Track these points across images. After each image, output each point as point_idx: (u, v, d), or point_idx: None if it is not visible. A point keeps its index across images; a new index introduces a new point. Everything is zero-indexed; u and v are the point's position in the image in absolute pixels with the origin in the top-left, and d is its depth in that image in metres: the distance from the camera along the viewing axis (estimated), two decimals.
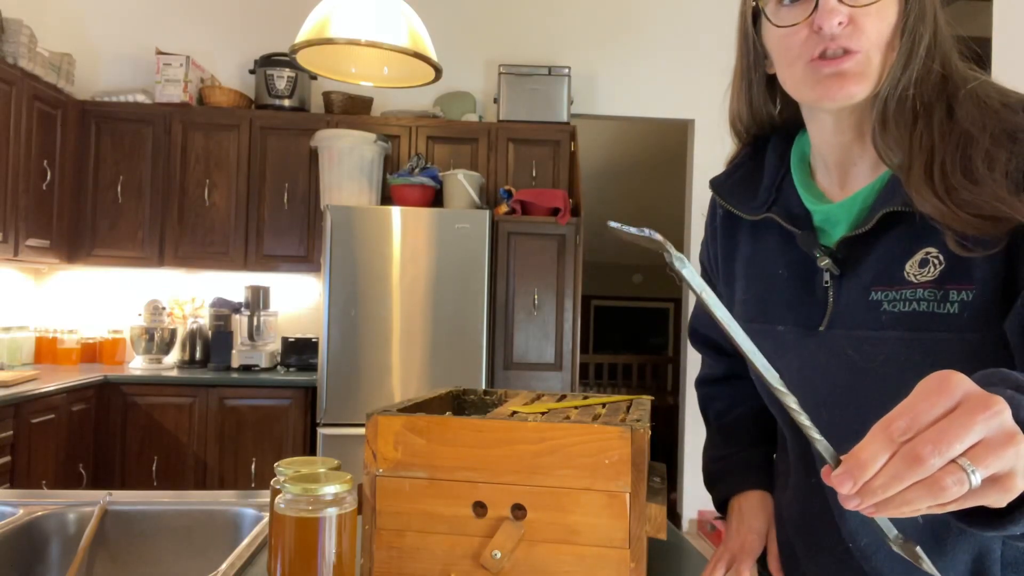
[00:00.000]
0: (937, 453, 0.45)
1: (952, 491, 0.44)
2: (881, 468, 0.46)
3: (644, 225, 0.56)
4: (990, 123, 0.72)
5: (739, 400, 1.07)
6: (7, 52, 3.25)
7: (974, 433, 0.45)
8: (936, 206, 0.70)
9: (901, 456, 0.46)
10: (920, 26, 0.75)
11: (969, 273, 0.70)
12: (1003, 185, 0.68)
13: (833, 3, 0.73)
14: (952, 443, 0.45)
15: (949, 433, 0.45)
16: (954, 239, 0.70)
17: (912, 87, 0.74)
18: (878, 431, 0.47)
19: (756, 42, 0.83)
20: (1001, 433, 0.46)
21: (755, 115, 0.90)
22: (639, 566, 0.78)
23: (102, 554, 1.17)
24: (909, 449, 0.45)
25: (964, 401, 0.47)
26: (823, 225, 0.83)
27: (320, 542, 0.76)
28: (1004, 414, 0.46)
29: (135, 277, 4.07)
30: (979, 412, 0.46)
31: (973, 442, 0.45)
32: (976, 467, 0.45)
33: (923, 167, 0.72)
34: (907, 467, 0.45)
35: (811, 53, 0.75)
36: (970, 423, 0.45)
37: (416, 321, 3.46)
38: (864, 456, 0.47)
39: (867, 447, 0.47)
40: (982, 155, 0.70)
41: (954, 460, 0.45)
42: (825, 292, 0.81)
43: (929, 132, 0.74)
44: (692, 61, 4.29)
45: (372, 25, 1.67)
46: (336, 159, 3.63)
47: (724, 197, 0.93)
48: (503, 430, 0.80)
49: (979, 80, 0.76)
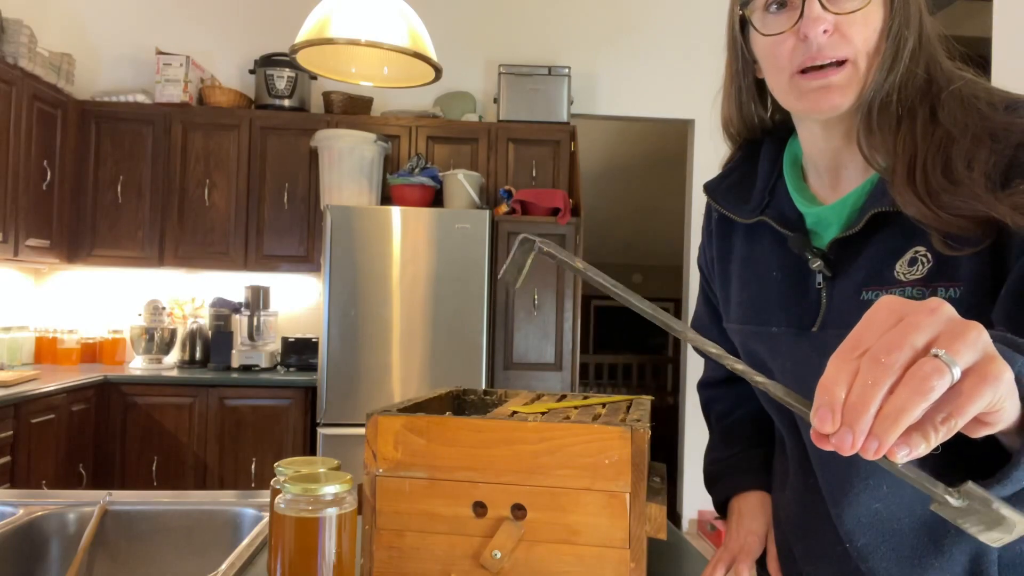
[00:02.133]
0: (896, 348, 0.43)
1: (935, 380, 0.42)
2: (851, 385, 0.44)
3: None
4: (972, 123, 0.72)
5: (740, 402, 1.07)
6: (7, 52, 3.25)
7: (926, 326, 0.44)
8: (919, 208, 0.70)
9: (863, 366, 0.44)
10: (905, 31, 0.75)
11: (957, 271, 0.70)
12: (982, 184, 0.68)
13: (818, 11, 0.73)
14: (908, 336, 0.43)
15: (903, 331, 0.43)
16: (940, 239, 0.70)
17: (896, 91, 0.75)
18: (835, 358, 0.45)
19: (744, 49, 0.84)
20: (956, 323, 0.44)
21: (746, 119, 0.91)
22: (639, 566, 0.78)
23: (102, 554, 1.17)
24: (868, 357, 0.44)
25: (907, 312, 0.45)
26: (815, 227, 0.84)
27: (320, 542, 0.76)
28: (948, 308, 0.45)
29: (135, 277, 4.07)
30: (924, 312, 0.44)
31: (930, 336, 0.44)
32: (948, 354, 0.43)
33: (906, 170, 0.72)
34: (872, 369, 0.43)
35: (797, 65, 0.75)
36: (918, 320, 0.44)
37: (416, 321, 3.46)
38: (827, 381, 0.45)
39: (829, 372, 0.45)
40: (962, 156, 0.70)
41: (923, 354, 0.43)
42: (818, 293, 0.81)
43: (912, 135, 0.74)
44: (692, 61, 4.30)
45: (372, 25, 1.67)
46: (336, 159, 3.63)
47: (718, 201, 0.93)
48: (503, 430, 0.80)
49: (965, 80, 0.76)
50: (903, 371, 0.43)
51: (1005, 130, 0.70)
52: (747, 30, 0.82)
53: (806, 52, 0.75)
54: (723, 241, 0.96)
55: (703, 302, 1.06)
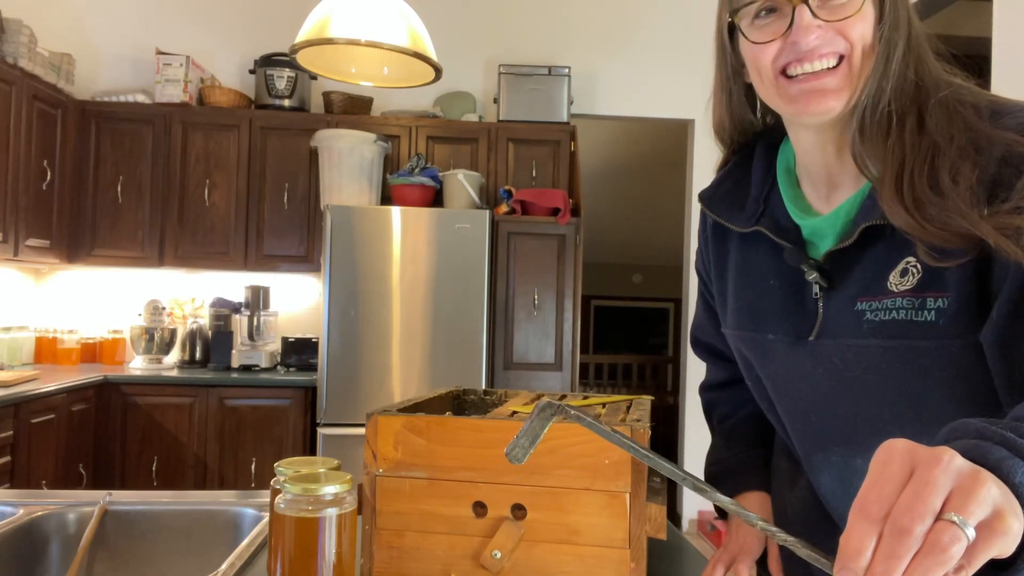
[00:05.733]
0: (918, 517, 0.45)
1: (953, 548, 0.44)
2: (874, 552, 0.46)
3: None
4: (957, 133, 0.71)
5: (741, 404, 1.07)
6: (7, 52, 3.25)
7: (941, 486, 0.46)
8: (905, 219, 0.70)
9: (887, 534, 0.46)
10: (895, 34, 0.75)
11: (945, 281, 0.71)
12: (967, 199, 0.68)
13: (808, 18, 0.73)
14: (926, 502, 0.45)
15: (919, 494, 0.46)
16: (924, 250, 0.70)
17: (888, 96, 0.74)
18: (857, 516, 0.47)
19: (732, 54, 0.84)
20: (965, 477, 0.46)
21: (737, 123, 0.90)
22: (639, 566, 0.78)
23: (102, 554, 1.17)
24: (891, 524, 0.46)
25: (917, 463, 0.47)
26: (811, 238, 0.84)
27: (320, 542, 0.76)
28: (956, 459, 0.47)
29: (135, 277, 4.07)
30: (934, 467, 0.46)
31: (945, 495, 0.46)
32: (961, 516, 0.45)
33: (894, 179, 0.72)
34: (896, 541, 0.45)
35: (781, 65, 0.75)
36: (931, 478, 0.46)
37: (416, 321, 3.46)
38: (852, 545, 0.47)
39: (852, 535, 0.47)
40: (948, 167, 0.70)
41: (939, 519, 0.45)
42: (815, 303, 0.81)
43: (901, 143, 0.74)
44: (692, 61, 4.29)
45: (372, 25, 1.67)
46: (336, 159, 3.63)
47: (713, 209, 0.93)
48: (503, 430, 0.80)
49: (951, 86, 0.76)
50: (924, 540, 0.45)
51: (988, 141, 0.70)
52: (735, 35, 0.82)
53: (793, 53, 0.74)
54: (719, 247, 0.96)
55: (702, 307, 1.06)
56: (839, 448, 0.83)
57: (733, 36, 0.82)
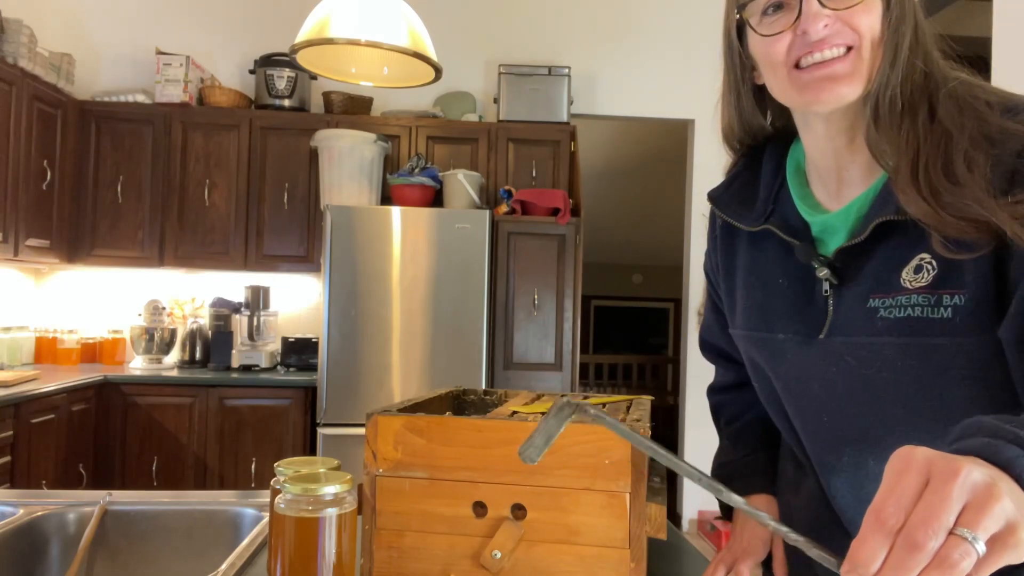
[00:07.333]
0: (931, 532, 0.45)
1: (962, 564, 0.44)
2: (884, 561, 0.46)
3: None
4: (969, 124, 0.72)
5: (748, 407, 1.07)
6: (7, 52, 3.25)
7: (955, 501, 0.46)
8: (921, 207, 0.70)
9: (899, 546, 0.46)
10: (902, 25, 0.75)
11: (961, 277, 0.70)
12: (983, 187, 0.68)
13: (816, 7, 0.73)
14: (940, 517, 0.45)
15: (934, 508, 0.46)
16: (940, 241, 0.70)
17: (900, 85, 0.75)
18: (871, 526, 0.47)
19: (742, 54, 0.84)
20: (980, 492, 0.46)
21: (746, 126, 0.90)
22: (639, 566, 0.78)
23: (102, 554, 1.17)
24: (904, 537, 0.46)
25: (933, 473, 0.47)
26: (821, 235, 0.84)
27: (320, 542, 0.76)
28: (973, 473, 0.47)
29: (135, 277, 4.07)
30: (951, 481, 0.46)
31: (959, 509, 0.46)
32: (973, 532, 0.45)
33: (909, 167, 0.72)
34: (908, 554, 0.45)
35: (794, 57, 0.76)
36: (947, 493, 0.46)
37: (416, 321, 3.46)
38: (865, 553, 0.47)
39: (866, 543, 0.47)
40: (962, 156, 0.70)
41: (952, 533, 0.45)
42: (825, 301, 0.81)
43: (914, 131, 0.74)
44: (692, 61, 4.29)
45: (372, 25, 1.67)
46: (336, 159, 3.63)
47: (722, 209, 0.93)
48: (503, 430, 0.80)
49: (959, 79, 0.76)
50: (933, 552, 0.45)
51: (1003, 135, 0.70)
52: (744, 36, 0.82)
53: (804, 45, 0.75)
54: (728, 248, 0.96)
55: (711, 309, 1.06)
56: (851, 448, 0.82)
57: (742, 36, 0.83)
